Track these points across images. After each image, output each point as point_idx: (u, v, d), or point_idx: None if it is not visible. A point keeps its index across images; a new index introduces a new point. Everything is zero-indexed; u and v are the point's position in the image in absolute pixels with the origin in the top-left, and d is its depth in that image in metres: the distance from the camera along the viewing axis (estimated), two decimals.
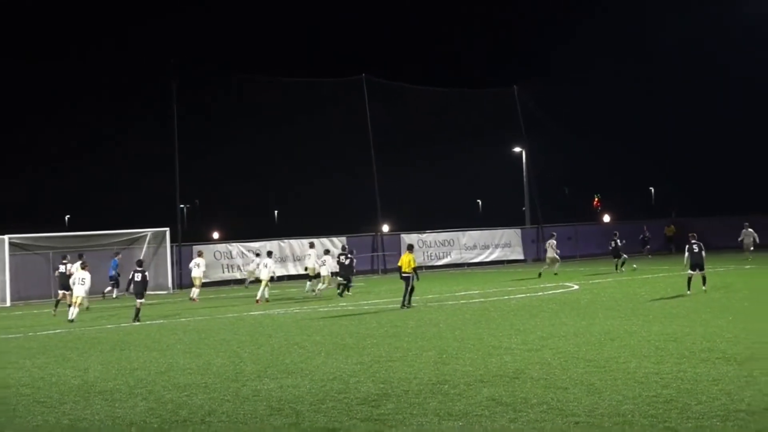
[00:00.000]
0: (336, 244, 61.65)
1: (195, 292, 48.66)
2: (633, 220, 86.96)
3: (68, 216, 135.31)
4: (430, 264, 70.72)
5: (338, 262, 48.22)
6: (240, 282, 61.63)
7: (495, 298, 40.21)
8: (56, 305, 44.03)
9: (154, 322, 36.84)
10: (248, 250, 63.66)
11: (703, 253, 38.74)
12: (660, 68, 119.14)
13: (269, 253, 49.26)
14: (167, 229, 60.51)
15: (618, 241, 57.47)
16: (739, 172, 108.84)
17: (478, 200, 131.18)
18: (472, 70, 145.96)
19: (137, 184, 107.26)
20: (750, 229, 59.42)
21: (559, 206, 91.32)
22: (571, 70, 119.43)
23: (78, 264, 42.24)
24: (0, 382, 21.94)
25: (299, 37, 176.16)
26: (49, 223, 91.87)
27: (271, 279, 47.14)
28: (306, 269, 51.61)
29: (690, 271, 38.41)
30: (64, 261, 46.88)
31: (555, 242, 57.68)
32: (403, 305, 37.67)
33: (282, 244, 65.72)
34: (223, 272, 62.58)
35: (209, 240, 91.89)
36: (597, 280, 48.94)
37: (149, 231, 60.36)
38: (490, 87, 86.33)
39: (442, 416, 15.72)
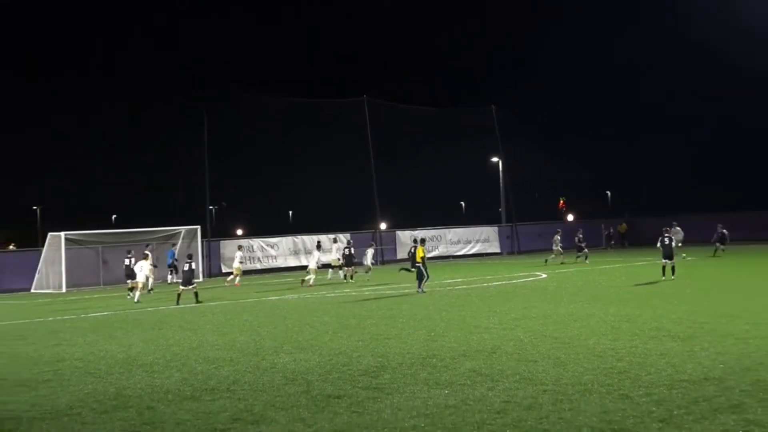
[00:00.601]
0: (341, 239, 61.87)
1: (237, 279, 49.88)
2: (592, 219, 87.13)
3: (115, 215, 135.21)
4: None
5: (344, 254, 48.62)
6: (260, 272, 61.59)
7: (476, 285, 40.18)
8: (130, 290, 44.81)
9: (187, 305, 36.81)
10: (268, 245, 63.76)
11: (674, 245, 38.73)
12: (617, 86, 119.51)
13: (318, 245, 50.16)
14: (198, 226, 60.55)
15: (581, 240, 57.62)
16: (680, 178, 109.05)
17: (462, 202, 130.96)
18: (457, 92, 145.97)
19: (174, 188, 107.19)
20: (678, 227, 58.80)
21: (530, 207, 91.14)
22: (540, 92, 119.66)
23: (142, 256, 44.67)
24: (56, 356, 21.97)
25: (303, 60, 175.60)
26: (97, 221, 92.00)
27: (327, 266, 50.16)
28: (331, 261, 51.84)
29: (664, 260, 38.35)
30: (129, 255, 47.45)
31: (559, 237, 57.63)
32: (424, 289, 38.04)
33: (296, 239, 65.73)
34: (245, 263, 62.52)
35: (234, 236, 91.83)
36: (562, 270, 48.88)
37: (183, 228, 60.45)
38: (472, 106, 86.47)
39: (430, 385, 15.72)
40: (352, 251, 49.07)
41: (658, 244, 39.15)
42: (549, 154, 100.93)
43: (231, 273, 51.73)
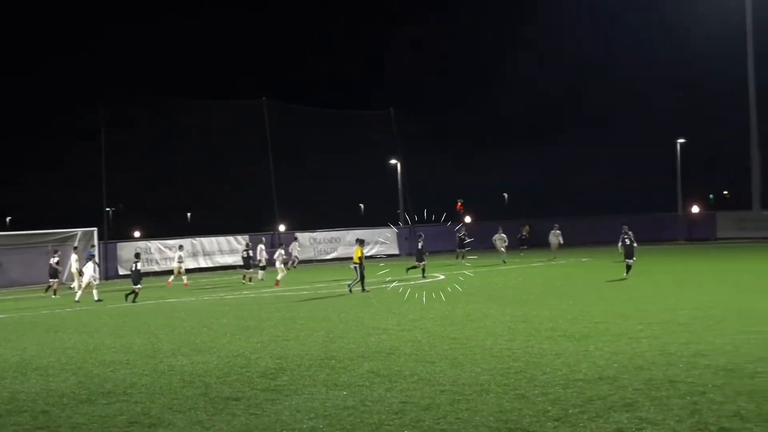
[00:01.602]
0: (240, 241, 61.60)
1: (184, 278, 49.03)
2: (489, 221, 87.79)
3: (9, 218, 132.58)
4: (320, 258, 70.79)
5: (242, 257, 48.81)
6: (158, 275, 60.88)
7: (374, 287, 40.21)
8: (47, 290, 46.10)
9: (83, 308, 36.26)
10: (166, 247, 63.06)
11: (635, 244, 39.04)
12: (514, 90, 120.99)
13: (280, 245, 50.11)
14: (95, 228, 59.60)
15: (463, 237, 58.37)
16: (572, 182, 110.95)
17: (361, 204, 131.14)
18: (357, 94, 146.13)
19: (69, 190, 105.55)
20: (558, 231, 59.12)
21: (428, 209, 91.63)
22: (438, 98, 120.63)
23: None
24: None
25: (203, 62, 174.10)
26: None
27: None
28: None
29: (627, 260, 38.59)
30: (56, 254, 47.65)
31: (505, 236, 57.61)
32: (353, 289, 37.52)
33: (194, 241, 65.11)
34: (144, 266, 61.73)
35: (131, 238, 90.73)
36: (460, 271, 49.17)
37: (80, 230, 59.43)
38: (371, 109, 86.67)
39: (329, 386, 15.71)
40: (251, 254, 48.87)
41: (620, 245, 39.41)
42: (447, 156, 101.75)
43: (127, 275, 50.94)
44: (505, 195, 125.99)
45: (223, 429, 12.93)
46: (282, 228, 73.76)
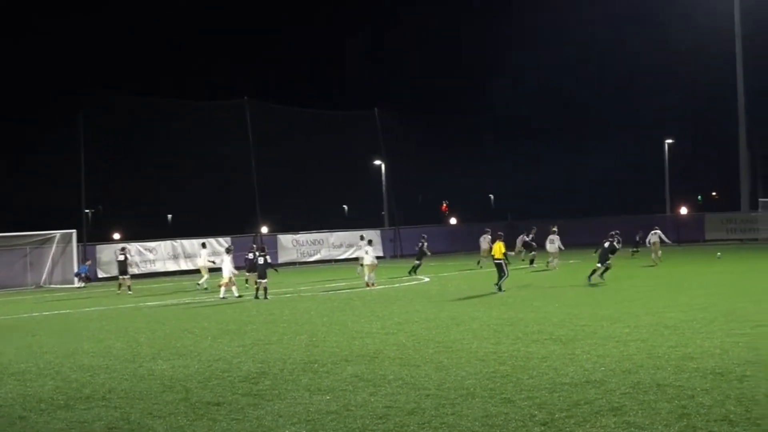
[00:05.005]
0: (222, 243, 61.42)
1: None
2: (475, 223, 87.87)
3: None
4: (303, 260, 70.83)
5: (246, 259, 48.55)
6: (138, 277, 60.72)
7: (359, 290, 40.23)
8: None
9: (61, 311, 36.16)
10: (146, 249, 62.89)
11: (618, 246, 39.15)
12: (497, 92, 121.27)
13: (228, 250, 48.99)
14: (74, 231, 59.41)
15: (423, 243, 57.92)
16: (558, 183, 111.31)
17: (344, 205, 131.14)
18: (341, 95, 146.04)
19: (48, 192, 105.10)
20: (555, 236, 58.65)
21: (413, 211, 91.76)
22: (422, 97, 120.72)
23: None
24: None
25: (185, 61, 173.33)
26: None
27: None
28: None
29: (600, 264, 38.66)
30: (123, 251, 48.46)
31: (490, 237, 56.44)
32: (499, 288, 35.75)
33: (175, 243, 64.97)
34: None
35: (111, 240, 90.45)
36: (445, 274, 49.22)
37: (58, 233, 59.28)
38: (356, 109, 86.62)
39: (312, 391, 15.69)
40: (255, 255, 48.72)
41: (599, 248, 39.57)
42: (432, 157, 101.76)
43: (108, 278, 50.91)
44: (491, 196, 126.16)
45: None
46: (264, 230, 73.63)
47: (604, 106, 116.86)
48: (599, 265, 38.56)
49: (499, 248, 36.70)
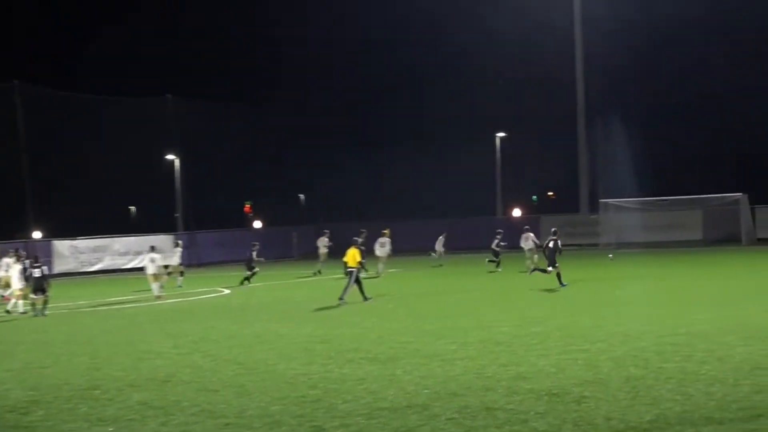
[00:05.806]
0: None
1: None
2: (282, 226, 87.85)
3: None
4: (83, 270, 69.44)
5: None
6: None
7: (147, 303, 39.75)
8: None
9: None
10: None
11: (559, 245, 39.46)
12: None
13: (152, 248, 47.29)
14: None
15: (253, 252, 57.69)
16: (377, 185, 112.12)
17: (132, 207, 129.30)
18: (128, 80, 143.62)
19: None
20: (443, 240, 59.14)
21: (212, 212, 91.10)
22: (227, 89, 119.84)
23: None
24: None
25: None
26: None
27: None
28: None
29: (550, 268, 38.89)
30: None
31: (533, 235, 55.47)
32: (341, 298, 35.39)
33: None
34: None
35: None
36: (249, 284, 49.04)
37: None
38: (145, 95, 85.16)
39: (92, 422, 15.41)
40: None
41: (543, 249, 40.08)
42: (234, 151, 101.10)
43: None
44: (302, 196, 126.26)
45: None
46: (38, 235, 72.00)
47: (432, 99, 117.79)
48: (550, 268, 38.99)
49: (353, 256, 36.74)
